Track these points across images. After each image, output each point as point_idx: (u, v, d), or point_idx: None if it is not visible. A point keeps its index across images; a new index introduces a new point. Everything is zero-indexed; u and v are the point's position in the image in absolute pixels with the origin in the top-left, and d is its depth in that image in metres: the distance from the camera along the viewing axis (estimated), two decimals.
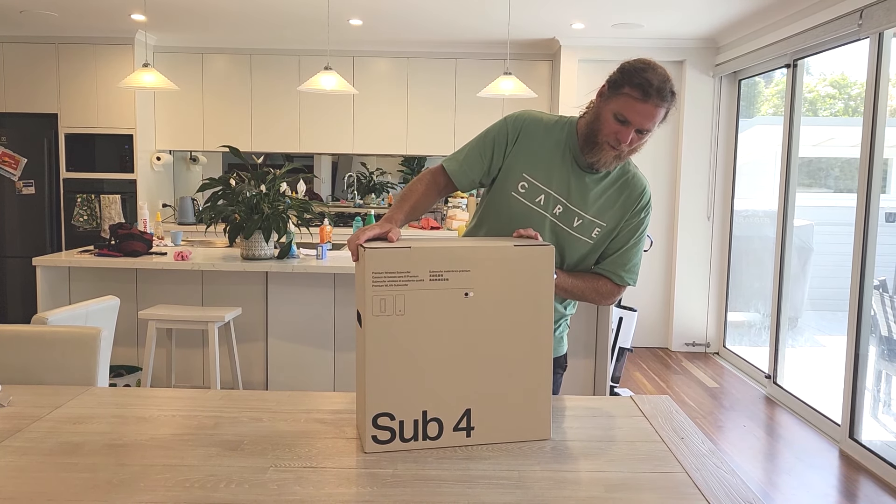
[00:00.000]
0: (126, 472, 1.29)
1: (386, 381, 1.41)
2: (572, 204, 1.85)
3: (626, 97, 1.71)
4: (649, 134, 1.77)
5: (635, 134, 1.74)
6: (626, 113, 1.72)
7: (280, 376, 4.31)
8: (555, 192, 1.84)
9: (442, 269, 1.42)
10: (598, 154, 1.78)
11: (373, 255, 1.39)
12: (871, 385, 3.99)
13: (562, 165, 1.85)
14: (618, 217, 1.88)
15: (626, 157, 1.81)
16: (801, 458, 3.84)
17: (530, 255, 1.47)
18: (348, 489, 1.24)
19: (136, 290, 4.30)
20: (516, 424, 1.48)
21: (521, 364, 1.47)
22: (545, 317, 1.48)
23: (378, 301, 1.40)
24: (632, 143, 1.75)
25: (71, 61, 6.11)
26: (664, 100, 1.71)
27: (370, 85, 6.44)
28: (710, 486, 1.28)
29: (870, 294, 3.86)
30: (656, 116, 1.73)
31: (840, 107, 5.16)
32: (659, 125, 1.77)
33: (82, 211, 6.18)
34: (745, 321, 5.95)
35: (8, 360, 1.95)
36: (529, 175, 1.84)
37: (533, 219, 1.85)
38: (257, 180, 4.04)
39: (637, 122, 1.72)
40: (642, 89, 1.69)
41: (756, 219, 5.84)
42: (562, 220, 1.85)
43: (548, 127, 1.88)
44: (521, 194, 1.85)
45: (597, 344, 4.17)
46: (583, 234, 1.86)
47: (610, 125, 1.74)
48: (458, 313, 1.43)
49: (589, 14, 5.17)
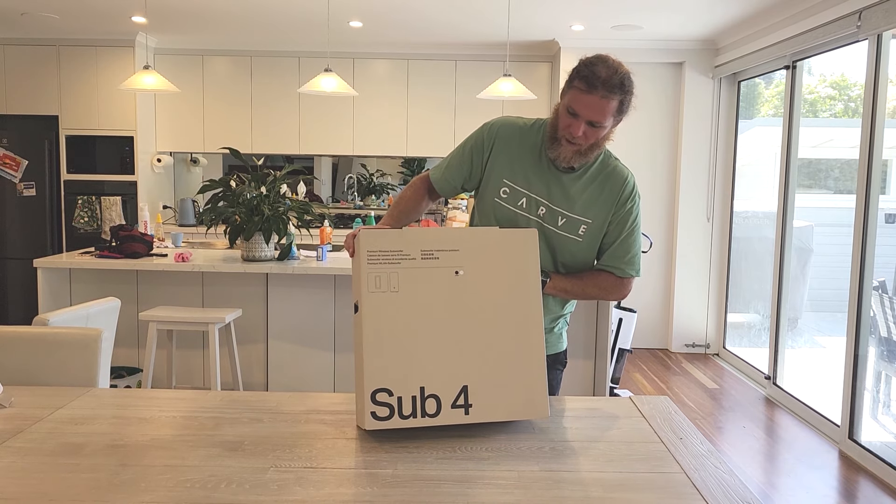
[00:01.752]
0: (127, 472, 1.30)
1: (383, 357, 1.45)
2: (554, 204, 1.86)
3: (575, 90, 1.73)
4: (606, 128, 1.76)
5: (588, 127, 1.73)
6: (574, 106, 1.73)
7: (280, 377, 4.31)
8: (535, 195, 1.86)
9: (433, 248, 1.51)
10: (558, 149, 1.79)
11: (367, 235, 1.49)
12: (870, 386, 3.99)
13: (539, 167, 1.87)
14: (604, 212, 1.88)
15: (587, 152, 1.79)
16: (801, 459, 3.85)
17: (514, 236, 1.58)
18: (348, 489, 1.25)
19: (136, 292, 4.31)
20: (513, 402, 1.50)
21: (513, 341, 1.51)
22: (534, 296, 1.54)
23: (374, 278, 1.46)
24: (587, 136, 1.75)
25: (72, 63, 6.12)
26: (612, 91, 1.70)
27: (370, 86, 6.45)
28: (708, 486, 1.28)
29: (869, 295, 3.86)
30: (605, 108, 1.71)
31: (840, 108, 5.17)
32: (615, 118, 1.75)
33: (83, 213, 6.19)
34: (745, 322, 5.96)
35: (9, 362, 1.96)
36: (509, 180, 1.87)
37: (519, 222, 1.88)
38: (258, 182, 4.05)
39: (585, 114, 1.72)
40: (587, 81, 1.70)
41: (756, 220, 5.85)
42: (547, 220, 1.87)
43: (523, 131, 1.90)
44: (504, 199, 1.88)
45: (596, 345, 4.17)
46: (570, 233, 1.87)
47: (564, 119, 1.76)
48: (450, 291, 1.50)
49: (588, 16, 5.17)
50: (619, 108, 1.73)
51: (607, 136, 1.80)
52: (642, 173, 6.06)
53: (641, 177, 6.06)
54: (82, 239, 6.17)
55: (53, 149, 6.17)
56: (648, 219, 6.13)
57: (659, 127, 6.06)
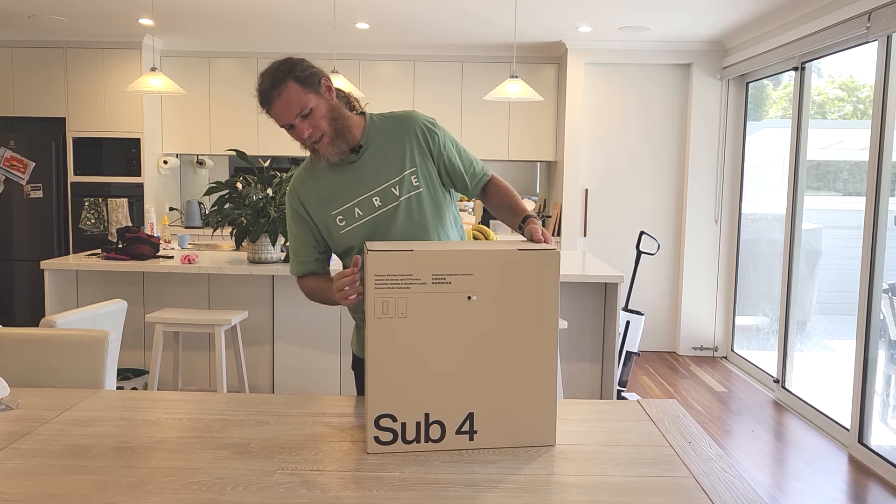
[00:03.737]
0: (134, 474, 1.30)
1: (388, 383, 1.41)
2: (377, 185, 1.86)
3: (266, 114, 1.79)
4: (315, 108, 1.75)
5: (301, 122, 1.75)
6: (277, 122, 1.78)
7: (286, 379, 4.31)
8: (359, 196, 1.86)
9: (445, 272, 1.42)
10: (319, 156, 1.82)
11: (375, 257, 1.40)
12: (880, 389, 3.96)
13: (341, 175, 1.87)
14: (418, 152, 1.88)
15: (336, 136, 1.79)
16: (810, 462, 3.82)
17: (534, 259, 1.45)
18: (354, 492, 1.24)
19: (142, 294, 4.31)
20: (520, 429, 1.47)
21: (525, 369, 1.46)
22: (550, 321, 1.47)
23: (380, 303, 1.40)
24: (313, 127, 1.76)
25: (79, 65, 6.14)
26: (278, 85, 1.72)
27: (377, 88, 6.45)
28: (717, 490, 1.27)
29: (879, 298, 3.84)
30: (289, 101, 1.73)
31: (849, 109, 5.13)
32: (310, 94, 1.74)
33: (90, 214, 6.21)
34: (754, 325, 5.93)
35: (16, 363, 1.96)
36: (335, 209, 1.87)
37: (367, 232, 1.86)
38: (264, 184, 4.05)
39: (284, 119, 1.76)
40: (261, 98, 1.75)
41: (764, 222, 5.82)
42: (386, 201, 1.85)
43: (309, 169, 1.93)
44: (344, 226, 1.87)
45: (604, 348, 4.16)
46: (411, 191, 1.86)
47: (291, 135, 1.81)
48: (461, 317, 1.43)
49: (596, 17, 5.16)
50: (303, 84, 1.73)
51: (333, 110, 1.79)
52: (649, 174, 6.05)
53: (648, 177, 6.05)
54: (89, 241, 6.19)
55: (60, 151, 6.19)
56: (656, 220, 6.11)
57: (666, 128, 6.04)
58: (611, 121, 6.04)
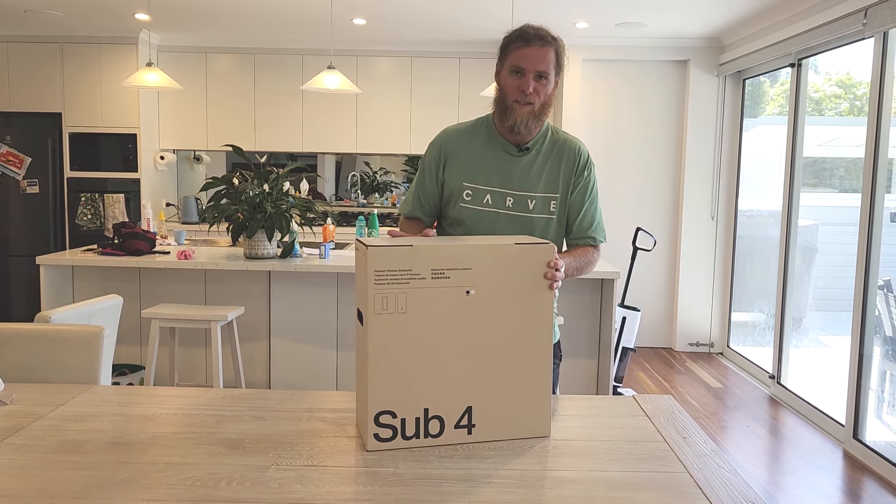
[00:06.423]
0: (128, 469, 1.30)
1: (388, 380, 1.41)
2: (519, 189, 1.90)
3: (513, 51, 1.84)
4: (551, 82, 1.85)
5: (536, 81, 1.82)
6: (519, 62, 1.83)
7: (282, 375, 4.31)
8: (499, 188, 1.90)
9: (444, 267, 1.43)
10: (513, 116, 1.85)
11: (375, 252, 1.40)
12: (875, 385, 3.97)
13: (495, 160, 1.91)
14: (565, 182, 1.94)
15: (540, 112, 1.86)
16: (805, 458, 3.83)
17: (531, 253, 1.48)
18: (349, 488, 1.24)
19: (139, 289, 4.31)
20: (517, 422, 1.48)
21: (522, 362, 1.48)
22: (546, 315, 1.49)
23: (380, 299, 1.40)
24: (538, 92, 1.83)
25: (75, 61, 6.12)
26: (546, 41, 1.83)
27: (374, 84, 6.44)
28: (712, 486, 1.27)
29: (874, 294, 3.85)
30: (546, 57, 1.82)
31: (845, 106, 5.14)
32: (556, 72, 1.85)
33: (86, 210, 6.20)
34: (749, 321, 5.94)
35: (11, 359, 1.95)
36: (470, 182, 1.91)
37: (483, 220, 1.90)
38: (260, 179, 4.05)
39: (530, 66, 1.82)
40: (523, 38, 1.83)
41: (760, 218, 5.83)
42: (517, 208, 1.90)
43: (469, 132, 1.96)
44: (468, 202, 1.91)
45: (600, 344, 4.16)
46: (543, 213, 1.91)
47: (511, 83, 1.85)
48: (460, 311, 1.44)
49: (593, 14, 5.16)
50: (557, 60, 1.84)
51: (551, 97, 1.87)
52: (646, 170, 6.05)
53: (645, 174, 6.05)
54: (85, 236, 6.18)
55: (57, 146, 6.17)
56: (652, 216, 6.11)
57: (663, 125, 6.04)
58: (607, 117, 6.04)
